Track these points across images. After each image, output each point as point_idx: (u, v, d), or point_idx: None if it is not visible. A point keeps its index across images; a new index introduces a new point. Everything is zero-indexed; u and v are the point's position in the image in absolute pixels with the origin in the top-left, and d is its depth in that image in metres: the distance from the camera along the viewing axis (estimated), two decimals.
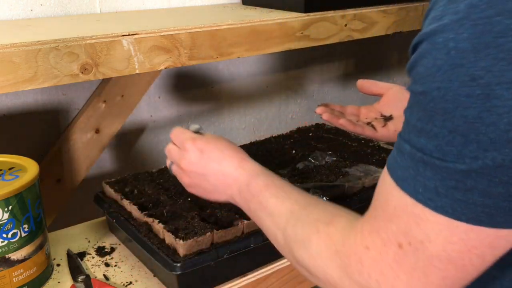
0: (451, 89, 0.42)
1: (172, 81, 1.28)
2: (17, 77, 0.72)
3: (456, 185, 0.44)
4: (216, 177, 0.71)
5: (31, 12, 1.02)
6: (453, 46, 0.42)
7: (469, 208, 0.44)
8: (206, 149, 0.72)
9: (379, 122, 0.82)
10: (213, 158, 0.71)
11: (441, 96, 0.43)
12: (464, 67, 0.41)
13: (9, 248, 0.74)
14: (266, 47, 0.97)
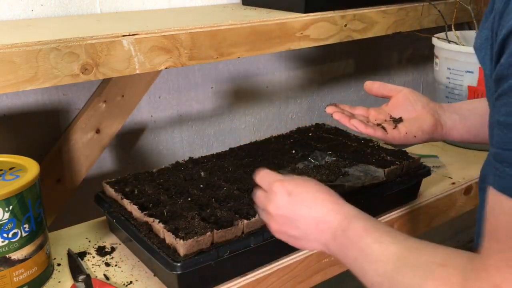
0: None
1: (172, 81, 1.28)
2: (17, 77, 0.72)
3: None
4: (307, 222, 0.65)
5: (32, 12, 1.02)
6: None
7: None
8: (295, 191, 0.67)
9: (390, 124, 0.81)
10: (303, 201, 0.66)
11: None
12: None
13: (10, 248, 0.74)
14: (266, 47, 0.98)
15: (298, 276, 0.88)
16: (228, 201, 0.89)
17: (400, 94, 0.83)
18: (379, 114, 0.85)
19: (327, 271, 0.92)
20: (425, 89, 1.89)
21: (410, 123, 0.78)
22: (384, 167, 0.99)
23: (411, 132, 0.77)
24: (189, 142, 1.36)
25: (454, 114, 0.80)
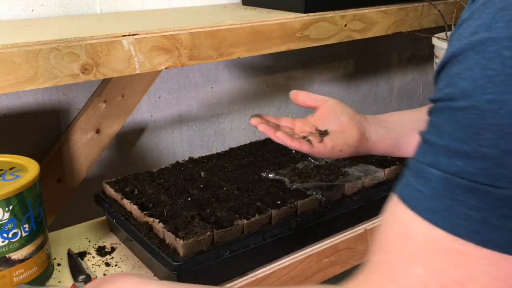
0: (507, 102, 0.37)
1: (172, 81, 1.28)
2: (17, 77, 0.72)
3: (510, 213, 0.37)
4: None
5: (32, 12, 1.02)
6: (509, 55, 0.37)
7: None
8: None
9: (315, 137, 0.79)
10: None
11: (495, 110, 0.37)
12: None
13: (10, 247, 0.74)
14: (266, 47, 0.98)
15: (297, 276, 0.88)
16: (228, 201, 0.89)
17: (325, 105, 0.81)
18: (305, 126, 0.83)
19: (327, 271, 0.92)
20: (425, 89, 1.89)
21: (336, 137, 0.77)
22: (384, 167, 0.99)
23: (337, 146, 0.76)
24: (189, 142, 1.36)
25: (379, 127, 0.79)
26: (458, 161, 0.39)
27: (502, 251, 0.38)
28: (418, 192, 0.41)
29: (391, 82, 1.79)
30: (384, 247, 0.43)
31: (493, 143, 0.38)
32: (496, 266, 0.39)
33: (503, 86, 0.37)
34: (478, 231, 0.38)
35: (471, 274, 0.39)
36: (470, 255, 0.39)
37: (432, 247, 0.40)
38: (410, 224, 0.41)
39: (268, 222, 0.85)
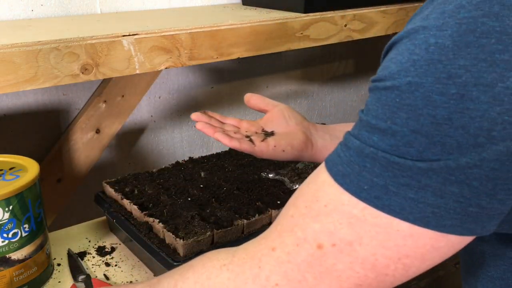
0: (423, 85, 0.40)
1: (172, 81, 1.28)
2: (17, 77, 0.72)
3: (409, 182, 0.41)
4: None
5: (32, 13, 1.02)
6: (433, 42, 0.40)
7: (419, 208, 0.41)
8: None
9: (259, 136, 0.77)
10: None
11: (411, 92, 0.40)
12: (441, 63, 0.39)
13: (10, 247, 0.74)
14: (266, 47, 0.98)
15: None
16: (228, 201, 0.89)
17: (275, 109, 0.81)
18: (251, 126, 0.81)
19: None
20: None
21: (281, 137, 0.77)
22: None
23: (280, 146, 0.76)
24: (189, 142, 1.36)
25: (326, 134, 0.80)
26: (375, 137, 0.42)
27: (396, 215, 0.42)
28: (338, 157, 0.45)
29: None
30: (295, 202, 0.47)
31: (404, 122, 0.41)
32: (388, 235, 0.42)
33: (423, 70, 0.40)
34: (378, 197, 0.42)
35: (362, 237, 0.43)
36: (366, 220, 0.43)
37: (333, 208, 0.44)
38: (322, 186, 0.46)
39: (268, 222, 0.85)
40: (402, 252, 0.43)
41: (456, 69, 0.39)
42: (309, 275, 0.44)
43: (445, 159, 0.40)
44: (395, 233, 0.42)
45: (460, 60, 0.39)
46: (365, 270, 0.44)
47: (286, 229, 0.46)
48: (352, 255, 0.43)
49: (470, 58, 0.38)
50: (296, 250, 0.45)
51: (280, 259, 0.45)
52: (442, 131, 0.39)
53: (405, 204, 0.41)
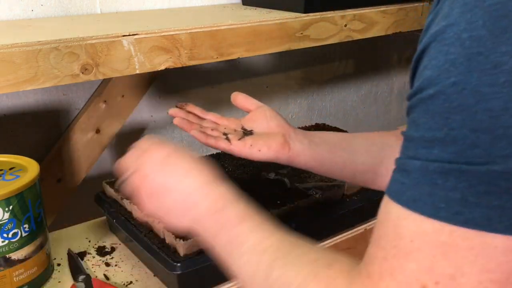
0: (470, 82, 0.38)
1: (172, 81, 1.28)
2: (17, 77, 0.72)
3: (488, 189, 0.38)
4: (170, 195, 0.60)
5: (32, 12, 1.02)
6: (467, 36, 0.38)
7: (506, 214, 0.38)
8: (174, 155, 0.62)
9: (237, 134, 0.77)
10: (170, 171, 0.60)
11: (459, 92, 0.38)
12: (483, 55, 0.38)
13: (10, 248, 0.74)
14: (266, 47, 0.98)
15: None
16: None
17: (258, 110, 0.81)
18: (231, 124, 0.81)
19: None
20: None
21: (259, 137, 0.76)
22: None
23: (256, 145, 0.74)
24: (189, 142, 1.36)
25: (305, 139, 0.78)
26: (435, 149, 0.40)
27: (483, 229, 0.38)
28: (402, 185, 0.42)
29: (391, 82, 1.79)
30: (380, 244, 0.43)
31: (461, 124, 0.38)
32: (485, 257, 0.39)
33: (464, 66, 0.38)
34: (459, 212, 0.39)
35: (461, 267, 0.39)
36: (457, 246, 0.39)
37: (420, 241, 0.40)
38: (398, 220, 0.42)
39: None
40: (507, 270, 0.39)
41: (499, 57, 0.37)
42: None
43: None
44: (493, 251, 0.39)
45: (501, 47, 0.37)
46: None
47: (384, 273, 0.42)
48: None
49: (511, 43, 0.37)
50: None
51: None
52: (503, 123, 0.37)
53: (491, 213, 0.38)
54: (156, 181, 0.61)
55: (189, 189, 0.59)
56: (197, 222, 0.58)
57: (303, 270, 0.48)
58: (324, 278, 0.46)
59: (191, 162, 0.62)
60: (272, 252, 0.51)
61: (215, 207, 0.58)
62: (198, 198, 0.59)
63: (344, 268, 0.46)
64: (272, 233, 0.53)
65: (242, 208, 0.57)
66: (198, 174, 0.61)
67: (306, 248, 0.51)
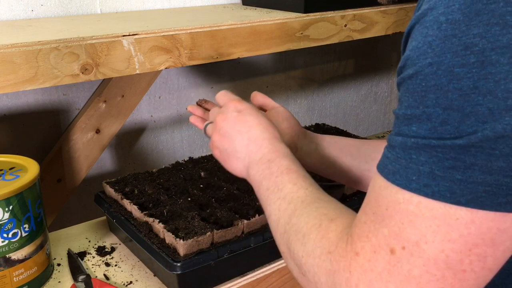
0: (443, 62, 0.41)
1: (172, 81, 1.28)
2: (17, 77, 0.72)
3: (454, 164, 0.41)
4: (242, 139, 0.67)
5: (32, 13, 1.02)
6: (444, 20, 0.41)
7: (469, 188, 0.41)
8: (246, 111, 0.69)
9: None
10: (248, 121, 0.68)
11: (433, 72, 0.41)
12: (456, 37, 0.40)
13: (10, 247, 0.74)
14: (266, 47, 0.98)
15: None
16: (228, 201, 0.89)
17: (273, 110, 0.83)
18: None
19: None
20: None
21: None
22: None
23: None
24: (189, 142, 1.36)
25: (313, 142, 0.81)
26: (413, 126, 0.43)
27: (447, 201, 0.41)
28: (386, 159, 0.46)
29: (391, 82, 1.79)
30: (364, 209, 0.48)
31: (434, 102, 0.41)
32: (448, 226, 0.42)
33: (439, 48, 0.41)
34: (427, 184, 0.42)
35: (425, 234, 0.42)
36: (423, 215, 0.42)
37: (393, 209, 0.44)
38: (379, 190, 0.46)
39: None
40: (469, 242, 0.42)
41: (471, 39, 0.40)
42: (391, 285, 0.44)
43: (482, 130, 0.40)
44: (455, 223, 0.42)
45: (473, 30, 0.40)
46: (440, 270, 0.42)
47: (362, 235, 0.46)
48: (423, 256, 0.43)
49: (483, 25, 0.39)
50: (375, 258, 0.45)
51: (364, 267, 0.45)
52: (472, 101, 0.40)
53: (454, 187, 0.41)
54: (230, 125, 0.69)
55: (254, 137, 0.67)
56: (250, 167, 0.66)
57: (312, 220, 0.54)
58: (323, 230, 0.52)
59: (261, 119, 0.69)
60: (297, 203, 0.57)
61: (267, 157, 0.65)
62: (258, 147, 0.66)
63: (343, 225, 0.51)
64: (304, 187, 0.59)
65: (288, 163, 0.63)
66: (265, 128, 0.68)
67: (324, 203, 0.56)
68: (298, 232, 0.54)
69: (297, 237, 0.54)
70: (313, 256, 0.51)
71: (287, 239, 0.56)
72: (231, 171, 0.70)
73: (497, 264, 0.44)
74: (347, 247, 0.47)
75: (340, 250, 0.48)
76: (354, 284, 0.46)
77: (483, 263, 0.43)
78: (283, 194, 0.60)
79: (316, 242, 0.51)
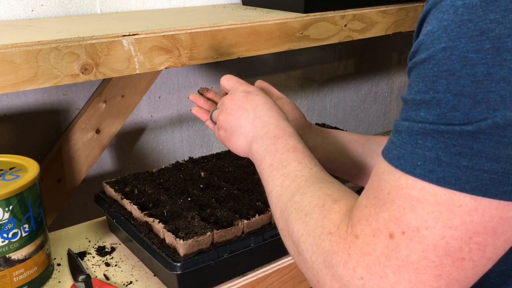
0: (458, 47, 0.40)
1: (172, 81, 1.28)
2: (17, 77, 0.72)
3: (461, 150, 0.40)
4: (247, 115, 0.67)
5: (32, 13, 1.02)
6: (460, 4, 0.40)
7: (474, 176, 0.40)
8: (253, 92, 0.70)
9: None
10: (254, 100, 0.68)
11: (447, 57, 0.40)
12: (472, 22, 0.39)
13: (10, 247, 0.74)
14: (266, 47, 0.98)
15: (298, 276, 0.88)
16: (228, 201, 0.89)
17: (278, 101, 0.82)
18: None
19: None
20: None
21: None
22: None
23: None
24: (189, 142, 1.36)
25: (318, 137, 0.80)
26: (421, 112, 0.42)
27: (451, 187, 0.41)
28: (392, 144, 0.45)
29: (391, 82, 1.79)
30: (366, 193, 0.47)
31: (445, 88, 0.41)
32: (451, 213, 0.41)
33: (454, 33, 0.40)
34: (432, 170, 0.41)
35: (427, 220, 0.42)
36: (426, 201, 0.42)
37: (395, 194, 0.44)
38: (382, 174, 0.45)
39: (268, 222, 0.85)
40: (471, 229, 0.41)
41: (487, 24, 0.39)
42: (389, 270, 0.43)
43: (492, 117, 0.39)
44: (458, 209, 0.41)
45: (490, 15, 0.39)
46: (439, 257, 0.42)
47: (362, 218, 0.46)
48: (422, 241, 0.42)
49: (500, 11, 0.39)
50: (374, 241, 0.44)
51: (363, 250, 0.45)
52: (484, 88, 0.39)
53: (460, 174, 0.41)
54: (237, 104, 0.69)
55: (260, 113, 0.67)
56: (254, 141, 0.66)
57: (316, 200, 0.53)
58: (326, 210, 0.51)
59: (268, 99, 0.70)
60: (301, 181, 0.57)
61: (273, 133, 0.64)
62: (264, 123, 0.66)
63: (346, 207, 0.50)
64: (309, 167, 0.59)
65: (294, 142, 0.63)
66: (271, 107, 0.68)
67: (328, 184, 0.56)
68: (301, 210, 0.54)
69: (299, 215, 0.53)
70: (313, 235, 0.50)
71: (287, 216, 0.55)
72: (233, 149, 0.70)
73: (496, 254, 0.43)
74: (347, 229, 0.47)
75: (341, 232, 0.48)
76: (351, 266, 0.45)
77: (482, 252, 0.42)
78: (287, 171, 0.59)
79: (318, 222, 0.51)
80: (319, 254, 0.49)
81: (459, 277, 0.43)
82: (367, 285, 0.44)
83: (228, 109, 0.70)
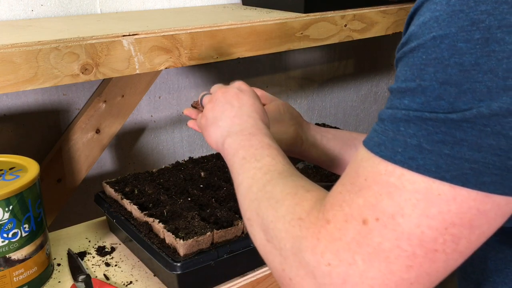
0: (447, 36, 0.40)
1: (172, 81, 1.28)
2: (17, 77, 0.72)
3: (443, 138, 0.40)
4: (230, 112, 0.68)
5: (32, 13, 1.02)
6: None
7: (455, 164, 0.40)
8: (246, 92, 0.70)
9: None
10: (243, 99, 0.69)
11: (436, 45, 0.41)
12: (463, 12, 0.40)
13: (10, 247, 0.74)
14: (266, 47, 0.98)
15: None
16: (228, 201, 0.89)
17: (273, 103, 0.83)
18: None
19: None
20: None
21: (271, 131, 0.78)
22: None
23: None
24: (189, 142, 1.36)
25: (318, 134, 0.81)
26: (405, 99, 0.42)
27: (431, 175, 0.40)
28: (374, 132, 0.45)
29: (391, 82, 1.79)
30: (341, 180, 0.47)
31: (432, 76, 0.41)
32: (429, 201, 0.40)
33: (445, 22, 0.40)
34: (412, 157, 0.41)
35: (403, 208, 0.41)
36: (404, 188, 0.41)
37: (372, 180, 0.43)
38: (361, 161, 0.45)
39: None
40: (447, 220, 0.41)
41: (478, 15, 0.39)
42: (358, 257, 0.42)
43: (477, 107, 0.39)
44: (436, 198, 0.40)
45: (481, 6, 0.39)
46: (412, 246, 0.41)
47: (336, 204, 0.45)
48: (397, 229, 0.41)
49: (491, 2, 0.39)
50: (345, 227, 0.43)
51: (333, 235, 0.43)
52: (471, 78, 0.39)
53: (441, 162, 0.40)
54: (226, 98, 0.70)
55: (242, 112, 0.67)
56: (229, 136, 0.66)
57: (288, 189, 0.52)
58: (298, 198, 0.50)
59: (257, 102, 0.70)
60: (274, 174, 0.56)
61: (249, 131, 0.65)
62: (242, 121, 0.66)
63: (318, 196, 0.49)
64: (282, 163, 0.59)
65: (269, 141, 0.63)
66: (257, 110, 0.68)
67: (301, 179, 0.55)
68: (271, 198, 0.53)
69: (270, 203, 0.52)
70: (283, 221, 0.49)
71: (257, 205, 0.54)
72: (207, 139, 0.70)
73: (469, 249, 0.43)
74: (319, 215, 0.46)
75: (312, 217, 0.46)
76: (319, 251, 0.44)
77: (456, 244, 0.42)
78: (260, 165, 0.59)
79: (289, 208, 0.49)
80: (287, 240, 0.48)
81: (429, 270, 0.42)
82: (333, 272, 0.43)
83: (217, 100, 0.70)
